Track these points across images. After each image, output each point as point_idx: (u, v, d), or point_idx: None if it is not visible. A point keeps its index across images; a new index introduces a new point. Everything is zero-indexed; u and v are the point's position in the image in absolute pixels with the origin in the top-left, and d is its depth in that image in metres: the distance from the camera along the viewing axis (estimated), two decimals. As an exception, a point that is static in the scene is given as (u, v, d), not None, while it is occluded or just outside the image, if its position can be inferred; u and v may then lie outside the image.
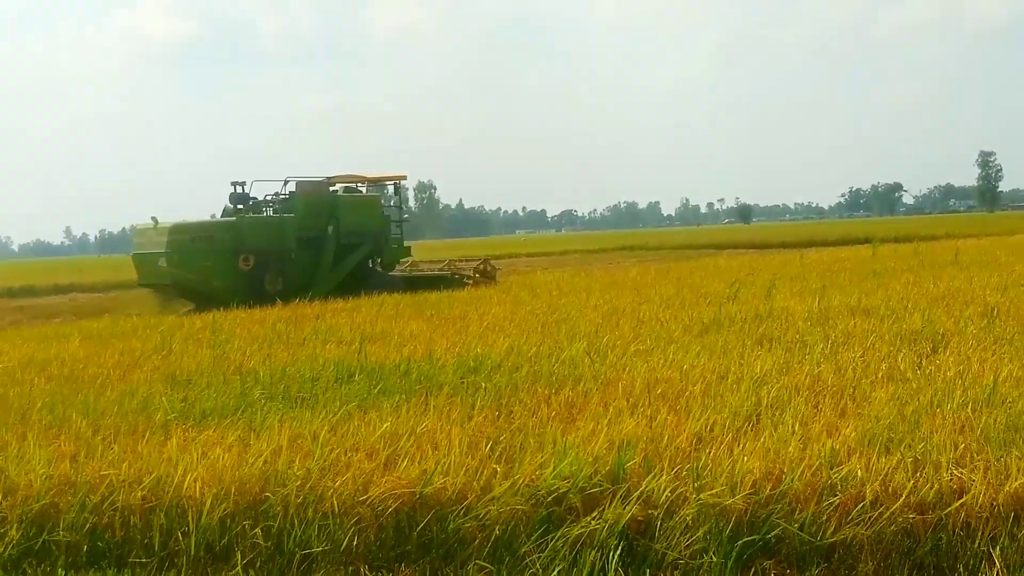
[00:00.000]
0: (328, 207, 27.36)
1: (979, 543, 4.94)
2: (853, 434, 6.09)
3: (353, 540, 5.48)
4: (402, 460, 6.07)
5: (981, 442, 5.85)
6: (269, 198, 27.61)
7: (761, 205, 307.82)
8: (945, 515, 5.05)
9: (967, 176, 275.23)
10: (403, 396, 8.30)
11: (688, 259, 40.25)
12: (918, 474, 5.33)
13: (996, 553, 4.82)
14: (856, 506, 5.12)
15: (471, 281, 27.54)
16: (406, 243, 29.55)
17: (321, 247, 26.99)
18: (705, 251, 52.87)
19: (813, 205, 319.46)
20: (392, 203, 30.29)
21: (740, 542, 5.07)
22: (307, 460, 6.17)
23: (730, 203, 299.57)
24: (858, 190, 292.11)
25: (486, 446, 6.28)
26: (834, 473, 5.37)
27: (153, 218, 26.11)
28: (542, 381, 8.69)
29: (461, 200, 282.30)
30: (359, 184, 29.48)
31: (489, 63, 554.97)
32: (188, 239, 25.23)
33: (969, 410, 6.56)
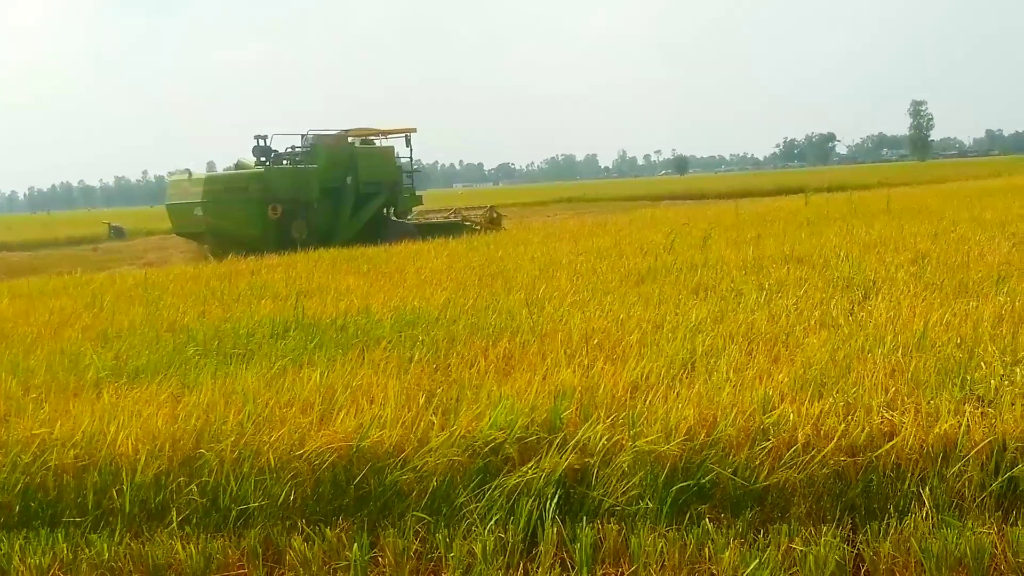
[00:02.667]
0: (347, 158, 28.71)
1: (909, 484, 5.02)
2: (786, 380, 6.16)
3: (290, 494, 5.44)
4: (338, 414, 6.04)
5: (911, 386, 5.94)
6: (288, 151, 28.92)
7: (697, 156, 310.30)
8: (876, 457, 5.13)
9: (899, 125, 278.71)
10: (339, 350, 8.25)
11: (625, 211, 40.36)
12: (849, 418, 5.40)
13: (925, 493, 4.90)
14: (788, 450, 5.19)
15: (480, 228, 28.85)
16: (417, 193, 31.11)
17: (341, 197, 28.38)
18: (642, 202, 53.13)
19: (748, 156, 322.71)
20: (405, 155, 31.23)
21: (675, 488, 5.12)
22: (241, 416, 6.12)
23: (667, 155, 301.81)
24: (792, 140, 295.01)
25: (423, 398, 6.27)
26: (766, 418, 5.43)
27: (187, 170, 27.57)
28: (480, 333, 8.68)
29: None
30: (374, 137, 30.57)
31: (422, 14, 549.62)
32: (222, 189, 26.74)
33: (900, 354, 6.66)
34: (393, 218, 29.82)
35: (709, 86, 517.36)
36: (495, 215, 31.41)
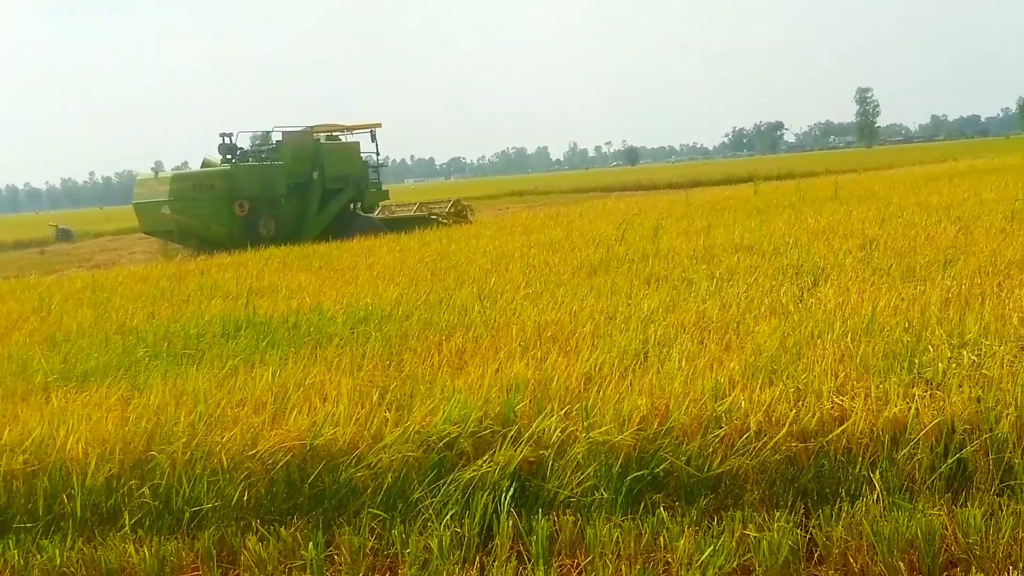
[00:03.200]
0: (312, 154, 28.85)
1: (860, 468, 5.07)
2: (737, 367, 6.20)
3: (243, 495, 5.40)
4: (291, 413, 6.01)
5: (861, 370, 6.00)
6: (254, 148, 29.71)
7: (648, 147, 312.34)
8: (826, 442, 5.17)
9: (846, 113, 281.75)
10: (292, 349, 8.20)
11: (577, 202, 40.42)
12: (800, 403, 5.45)
13: (876, 477, 4.95)
14: (740, 437, 5.22)
15: (448, 221, 29.31)
16: (384, 187, 31.46)
17: (307, 193, 28.63)
18: (593, 194, 53.24)
19: (698, 146, 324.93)
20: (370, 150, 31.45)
21: (629, 477, 5.14)
22: (193, 416, 6.06)
23: (617, 146, 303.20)
24: (741, 130, 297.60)
25: (376, 395, 6.25)
26: (718, 406, 5.46)
27: (154, 169, 28.70)
28: (433, 328, 8.67)
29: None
30: (339, 133, 30.73)
31: (365, 10, 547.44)
32: (189, 187, 26.76)
33: (849, 340, 6.72)
34: (360, 213, 29.98)
35: (657, 77, 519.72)
36: (461, 208, 31.70)
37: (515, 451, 5.32)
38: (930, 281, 8.88)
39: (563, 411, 5.66)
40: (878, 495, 4.81)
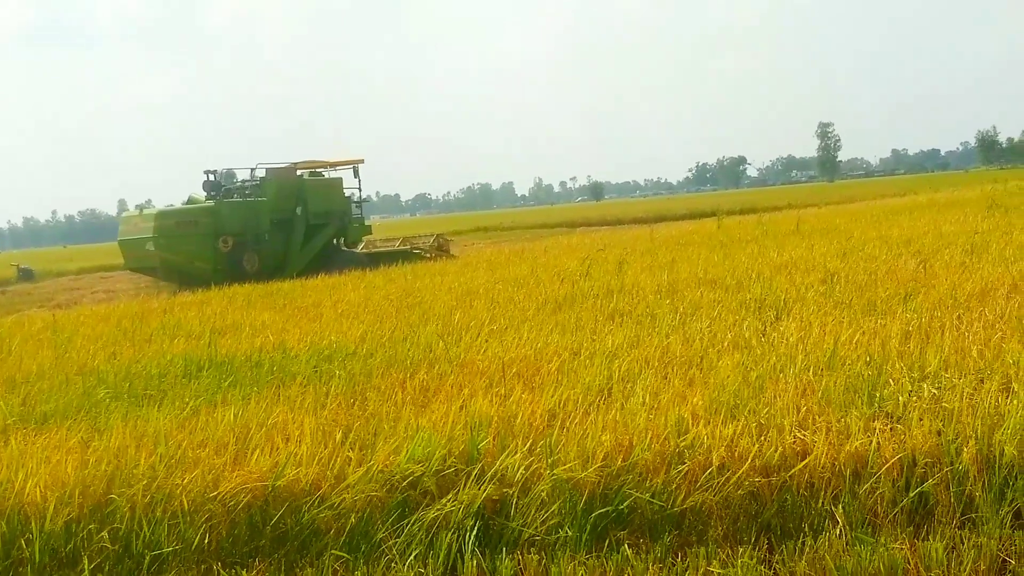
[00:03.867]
0: (296, 190, 29.31)
1: (822, 502, 5.09)
2: (700, 403, 6.22)
3: (205, 538, 5.34)
4: (253, 453, 5.96)
5: (822, 404, 6.03)
6: (238, 184, 29.88)
7: (613, 182, 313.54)
8: (789, 477, 5.19)
9: (808, 147, 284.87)
10: (255, 388, 8.15)
11: (542, 238, 40.54)
12: (762, 438, 5.47)
13: (839, 511, 4.97)
14: (704, 472, 5.23)
15: (429, 256, 29.85)
16: (367, 222, 32.05)
17: (291, 228, 28.99)
18: (559, 229, 53.41)
19: (662, 181, 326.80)
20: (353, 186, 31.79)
21: (594, 514, 5.13)
22: (153, 458, 5.99)
23: (582, 181, 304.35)
24: (705, 164, 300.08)
25: (340, 434, 6.21)
26: (681, 441, 5.48)
27: (139, 206, 28.39)
28: (397, 366, 8.65)
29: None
30: (322, 169, 31.11)
31: (332, 44, 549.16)
32: (173, 224, 27.04)
33: (811, 374, 6.76)
34: (343, 248, 30.32)
35: (622, 112, 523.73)
36: (443, 243, 32.25)
37: (479, 489, 5.31)
38: (891, 315, 8.96)
39: (527, 448, 5.66)
40: (841, 529, 4.83)
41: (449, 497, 5.30)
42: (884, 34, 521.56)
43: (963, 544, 4.63)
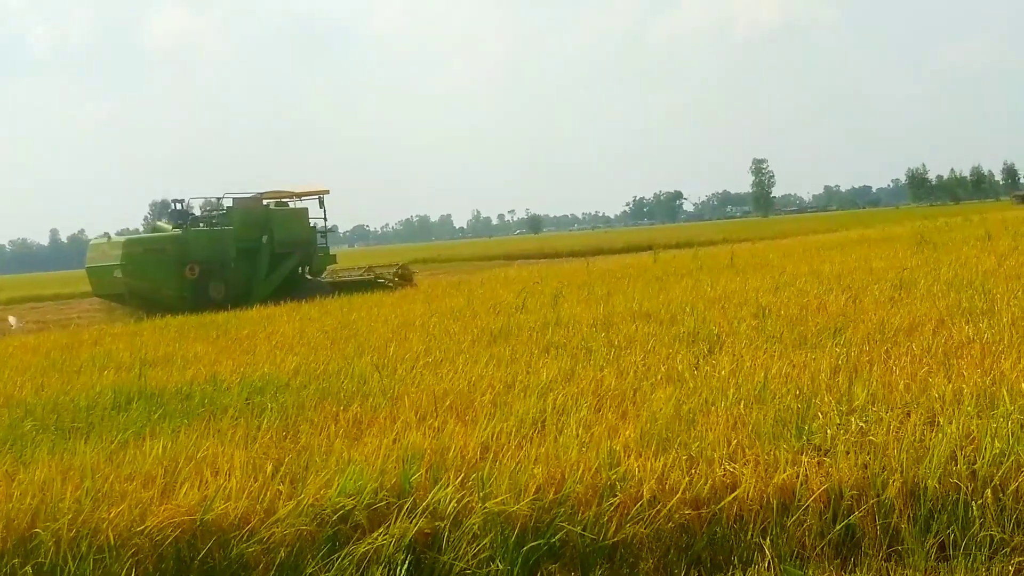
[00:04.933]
0: (262, 219, 29.87)
1: (751, 534, 5.13)
2: (633, 435, 6.24)
3: (131, 573, 5.25)
4: (182, 487, 5.87)
5: (752, 437, 6.08)
6: (204, 213, 30.59)
7: (551, 216, 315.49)
8: (719, 509, 5.23)
9: (743, 183, 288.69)
10: (185, 421, 8.04)
11: (479, 270, 40.61)
12: (693, 471, 5.50)
13: (767, 543, 5.02)
14: (635, 505, 5.25)
15: (392, 284, 30.37)
16: (332, 251, 32.59)
17: (257, 257, 29.46)
18: (496, 262, 53.62)
19: (600, 215, 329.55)
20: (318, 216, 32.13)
21: (526, 547, 5.13)
22: (79, 492, 5.88)
23: (520, 214, 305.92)
24: (642, 199, 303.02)
25: (270, 468, 6.15)
26: (613, 474, 5.49)
27: (106, 234, 28.53)
28: (330, 398, 8.59)
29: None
30: (288, 199, 31.63)
31: (270, 71, 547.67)
32: (141, 251, 27.72)
33: (742, 407, 6.82)
34: (308, 276, 30.82)
35: (560, 145, 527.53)
36: (406, 272, 32.87)
37: (410, 523, 5.29)
38: (821, 348, 9.07)
39: (459, 481, 5.64)
40: (769, 562, 4.88)
41: (380, 531, 5.28)
42: (818, 72, 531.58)
43: (889, 576, 4.70)
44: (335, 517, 5.43)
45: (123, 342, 16.06)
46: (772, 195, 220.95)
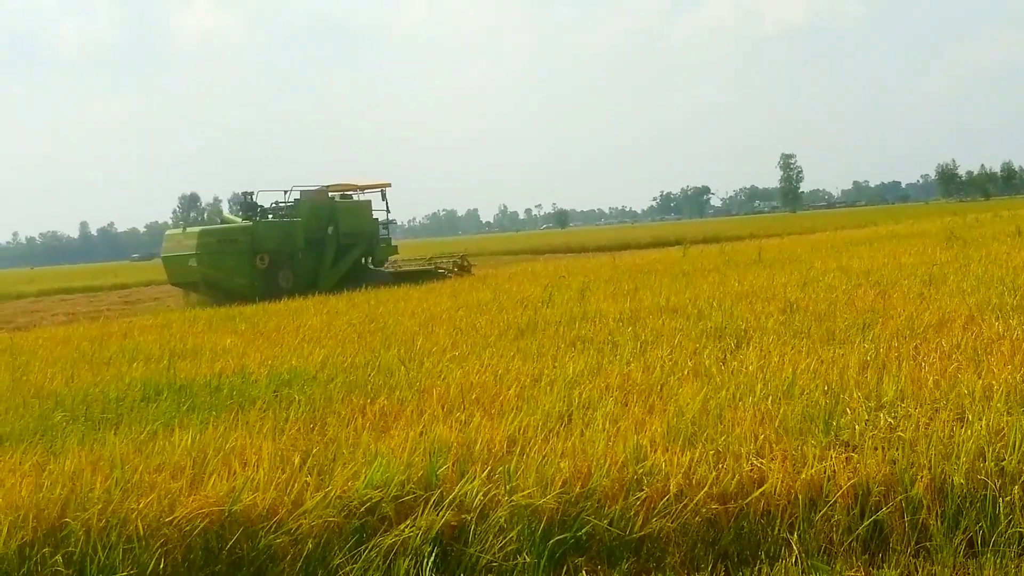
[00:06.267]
0: (328, 212, 31.18)
1: (779, 530, 5.12)
2: (659, 430, 6.23)
3: (160, 563, 5.29)
4: (210, 478, 5.91)
5: (780, 432, 6.06)
6: (272, 205, 31.59)
7: (578, 210, 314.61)
8: (746, 504, 5.22)
9: (770, 178, 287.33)
10: (213, 412, 8.10)
11: (506, 264, 40.67)
12: (720, 465, 5.49)
13: (794, 539, 5.00)
14: (662, 499, 5.25)
15: (451, 274, 31.64)
16: (393, 243, 33.66)
17: (323, 247, 30.69)
18: (523, 256, 53.56)
19: (627, 209, 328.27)
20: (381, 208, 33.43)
21: (552, 541, 5.13)
22: (109, 482, 5.93)
23: (547, 209, 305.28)
24: (669, 194, 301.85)
25: (298, 459, 6.18)
26: (639, 468, 5.49)
27: (182, 224, 30.31)
28: (357, 391, 8.62)
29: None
30: (352, 192, 32.96)
31: (297, 69, 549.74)
32: (215, 241, 28.86)
33: (769, 402, 6.79)
34: (371, 267, 31.92)
35: (588, 140, 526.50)
36: (466, 263, 34.27)
37: (437, 515, 5.30)
38: (849, 344, 9.03)
39: (486, 474, 5.65)
40: (797, 557, 4.86)
41: (407, 523, 5.29)
42: (846, 67, 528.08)
43: (917, 572, 4.69)
44: (362, 509, 5.45)
45: (152, 334, 16.18)
46: (800, 190, 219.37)
